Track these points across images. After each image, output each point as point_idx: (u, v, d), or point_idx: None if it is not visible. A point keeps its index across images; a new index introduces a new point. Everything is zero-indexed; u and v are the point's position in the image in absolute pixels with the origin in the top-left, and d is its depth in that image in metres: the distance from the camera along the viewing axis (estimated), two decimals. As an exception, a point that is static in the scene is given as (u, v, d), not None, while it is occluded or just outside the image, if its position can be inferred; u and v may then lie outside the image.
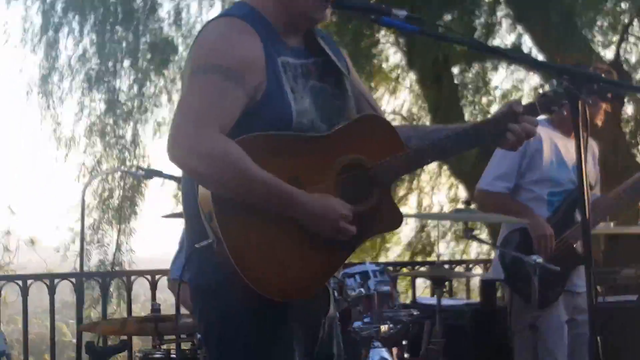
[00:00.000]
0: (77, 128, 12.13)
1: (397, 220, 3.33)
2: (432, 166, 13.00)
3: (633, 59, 11.96)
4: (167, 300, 6.47)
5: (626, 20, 11.71)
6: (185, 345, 5.58)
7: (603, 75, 4.98)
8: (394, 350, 5.32)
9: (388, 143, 3.25)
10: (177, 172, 3.39)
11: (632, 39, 11.99)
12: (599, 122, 5.60)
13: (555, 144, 5.69)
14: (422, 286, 8.54)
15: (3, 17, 11.41)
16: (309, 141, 3.12)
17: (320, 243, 3.09)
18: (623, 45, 11.72)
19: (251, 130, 3.00)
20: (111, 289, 7.61)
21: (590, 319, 3.61)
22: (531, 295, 5.32)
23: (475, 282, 8.36)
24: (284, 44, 3.20)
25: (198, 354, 5.14)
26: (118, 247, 11.24)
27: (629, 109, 11.53)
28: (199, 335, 4.89)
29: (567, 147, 5.67)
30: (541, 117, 3.63)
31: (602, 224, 6.35)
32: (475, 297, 7.98)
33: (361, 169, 3.13)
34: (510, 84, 13.10)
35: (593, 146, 5.81)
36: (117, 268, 8.11)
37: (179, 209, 3.39)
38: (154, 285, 7.09)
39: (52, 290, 7.12)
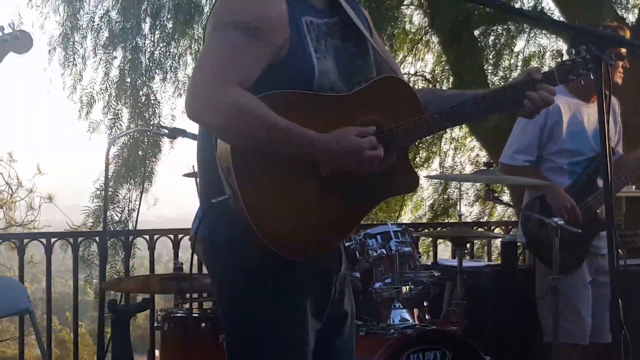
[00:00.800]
0: (100, 86, 12.15)
1: (413, 182, 3.36)
2: (454, 128, 13.03)
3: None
4: (187, 258, 6.50)
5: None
6: (207, 304, 5.60)
7: (608, 30, 5.00)
8: (415, 311, 5.33)
9: (407, 105, 3.26)
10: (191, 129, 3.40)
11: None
12: (619, 80, 5.57)
13: (574, 113, 5.73)
14: (444, 248, 8.52)
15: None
16: (328, 100, 3.12)
17: (337, 202, 3.11)
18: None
19: (272, 89, 2.99)
20: (134, 248, 7.63)
21: (612, 284, 3.62)
22: (552, 259, 5.34)
23: (497, 243, 8.34)
24: (308, 3, 3.20)
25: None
26: (139, 206, 11.31)
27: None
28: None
29: (588, 114, 5.72)
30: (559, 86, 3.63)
31: (624, 188, 6.35)
32: (496, 259, 7.97)
33: (380, 131, 3.13)
34: (532, 48, 13.02)
35: (614, 104, 5.80)
36: (140, 227, 8.12)
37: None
38: (176, 245, 7.13)
39: (76, 249, 7.17)
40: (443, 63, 12.98)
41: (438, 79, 13.20)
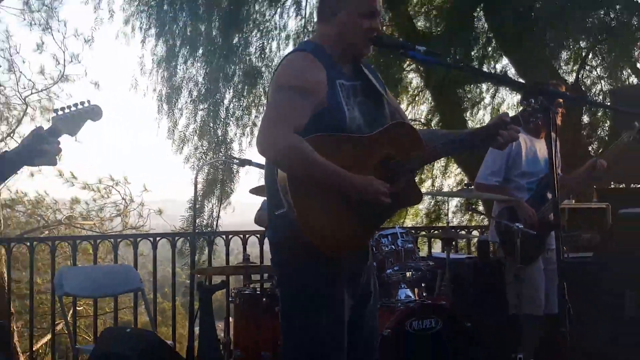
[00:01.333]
0: (190, 129, 12.23)
1: (418, 197, 3.41)
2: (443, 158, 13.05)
3: (588, 82, 11.90)
4: (252, 252, 6.54)
5: (583, 54, 11.66)
6: (267, 285, 5.61)
7: (551, 87, 5.10)
8: (416, 290, 5.33)
9: (412, 142, 3.29)
10: (261, 160, 3.47)
11: (587, 68, 11.93)
12: (559, 122, 5.54)
13: (529, 146, 5.74)
14: (436, 245, 8.47)
15: (140, 51, 11.63)
16: (356, 140, 3.16)
17: (364, 212, 3.13)
18: (582, 72, 11.68)
19: (317, 132, 3.06)
20: (214, 244, 7.63)
21: (559, 271, 3.59)
22: (516, 253, 5.33)
23: (474, 241, 8.27)
24: (340, 71, 3.26)
25: (277, 292, 5.14)
26: (218, 214, 11.42)
27: (585, 118, 11.44)
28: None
29: (539, 147, 5.78)
30: None
31: (566, 200, 6.32)
32: (474, 253, 7.90)
33: (393, 161, 3.18)
34: (498, 100, 12.99)
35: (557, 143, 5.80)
36: (219, 229, 8.17)
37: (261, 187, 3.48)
38: (245, 242, 7.16)
39: (173, 244, 7.21)
40: (434, 112, 12.93)
41: (431, 124, 13.17)
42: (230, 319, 5.97)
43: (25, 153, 2.94)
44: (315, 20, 3.44)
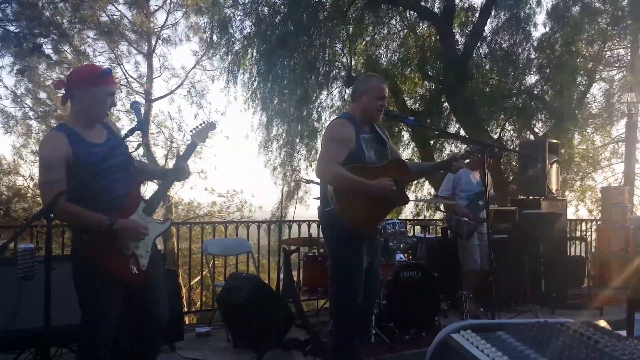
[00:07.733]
0: (277, 162, 12.29)
1: (407, 199, 3.35)
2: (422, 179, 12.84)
3: (505, 139, 11.81)
4: (313, 232, 6.52)
5: (503, 123, 11.58)
6: (322, 250, 5.60)
7: (491, 142, 5.11)
8: (405, 255, 5.29)
9: (403, 169, 3.27)
10: (317, 180, 3.49)
11: (505, 130, 11.84)
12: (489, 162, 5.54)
13: (468, 175, 5.64)
14: (418, 229, 8.38)
15: (252, 118, 11.89)
16: (372, 168, 3.13)
17: (378, 205, 3.11)
18: (502, 133, 11.62)
19: (349, 163, 3.05)
20: (291, 228, 7.62)
21: (488, 244, 3.55)
22: (463, 234, 5.30)
23: (439, 228, 8.18)
24: (362, 129, 3.23)
25: (326, 254, 5.15)
26: (295, 211, 11.44)
27: (503, 159, 11.31)
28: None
29: (472, 175, 5.67)
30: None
31: (492, 205, 6.27)
32: (438, 233, 7.83)
33: (394, 180, 3.13)
34: (454, 147, 12.91)
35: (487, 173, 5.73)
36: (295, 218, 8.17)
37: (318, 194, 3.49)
38: (308, 227, 7.10)
39: (269, 226, 7.23)
40: (416, 154, 12.84)
41: (414, 160, 13.04)
42: (301, 272, 6.00)
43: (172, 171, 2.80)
44: (349, 100, 3.49)
